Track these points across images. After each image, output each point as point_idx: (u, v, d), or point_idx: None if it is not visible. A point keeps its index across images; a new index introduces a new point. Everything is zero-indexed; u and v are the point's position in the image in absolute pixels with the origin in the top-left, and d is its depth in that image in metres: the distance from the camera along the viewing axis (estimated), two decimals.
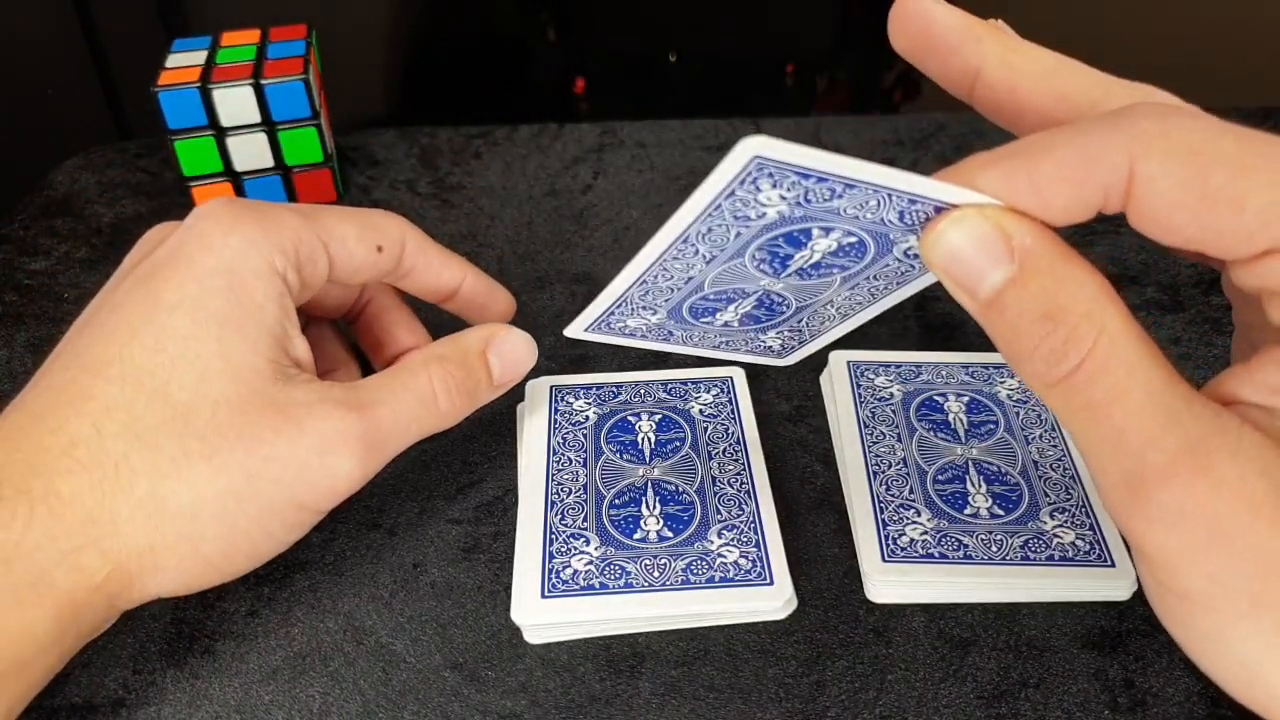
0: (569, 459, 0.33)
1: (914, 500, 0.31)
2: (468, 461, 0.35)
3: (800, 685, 0.28)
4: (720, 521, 0.31)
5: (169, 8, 0.69)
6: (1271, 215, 0.20)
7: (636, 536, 0.30)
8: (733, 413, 0.35)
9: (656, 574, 0.29)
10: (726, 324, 0.29)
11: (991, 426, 0.34)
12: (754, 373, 0.37)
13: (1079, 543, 0.30)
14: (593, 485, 0.32)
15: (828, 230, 0.24)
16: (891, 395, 0.35)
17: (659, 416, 0.35)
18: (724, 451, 0.33)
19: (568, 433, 0.34)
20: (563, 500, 0.31)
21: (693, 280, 0.26)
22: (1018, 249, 0.22)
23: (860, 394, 0.35)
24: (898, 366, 0.36)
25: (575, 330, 0.29)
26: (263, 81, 0.43)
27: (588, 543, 0.30)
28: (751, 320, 0.30)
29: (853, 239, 0.24)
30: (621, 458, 0.33)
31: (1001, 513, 0.31)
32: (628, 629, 0.29)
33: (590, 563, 0.29)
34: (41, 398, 0.27)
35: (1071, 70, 0.24)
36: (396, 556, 0.32)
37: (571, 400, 0.35)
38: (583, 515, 0.31)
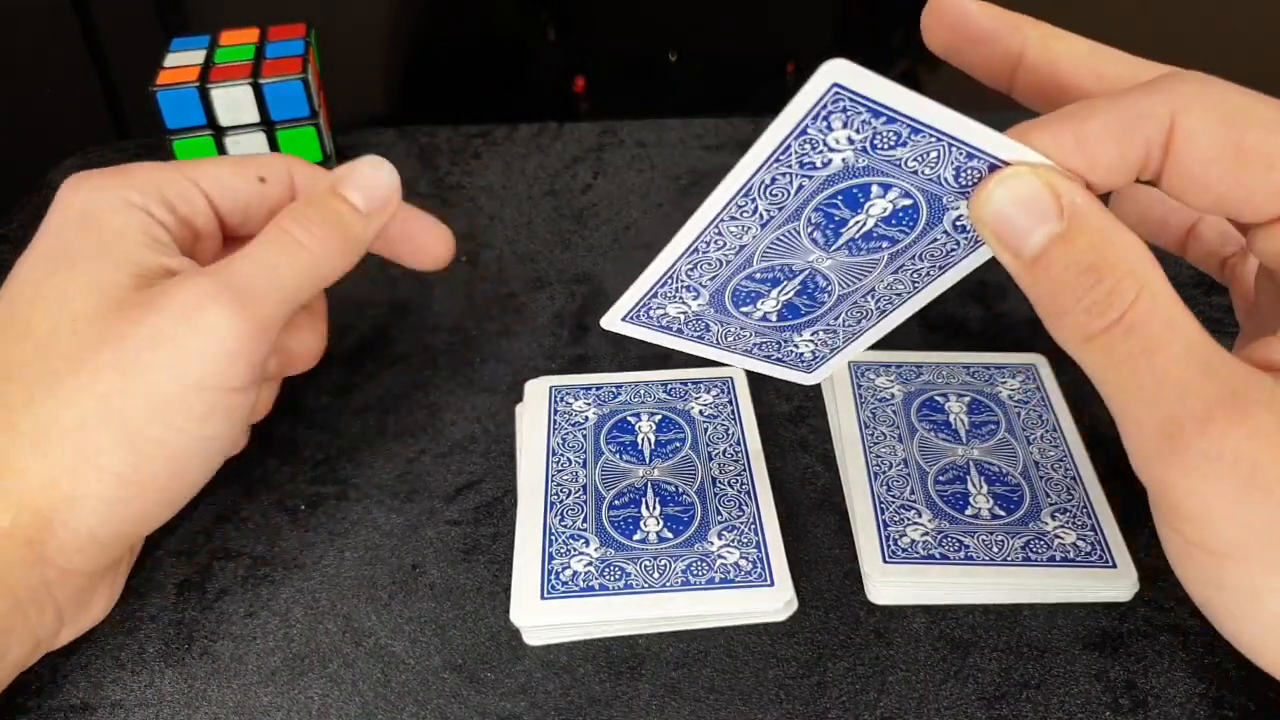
0: (568, 460, 0.33)
1: (915, 501, 0.31)
2: (466, 462, 0.35)
3: (801, 687, 0.28)
4: (720, 522, 0.31)
5: (167, 7, 0.69)
6: None
7: (636, 538, 0.30)
8: (733, 413, 0.35)
9: (656, 575, 0.29)
10: (765, 316, 0.28)
11: (993, 427, 0.34)
12: (756, 373, 0.37)
13: (1080, 544, 0.30)
14: (592, 486, 0.32)
15: (885, 189, 0.24)
16: (892, 396, 0.35)
17: (659, 417, 0.34)
18: (724, 452, 0.33)
19: (567, 433, 0.34)
20: (562, 501, 0.31)
21: (744, 249, 0.25)
22: (1066, 206, 0.22)
23: (861, 394, 0.35)
24: (898, 367, 0.36)
25: (613, 319, 0.27)
26: (261, 81, 0.43)
27: (587, 544, 0.30)
28: (791, 313, 0.28)
29: (908, 201, 0.24)
30: (621, 458, 0.33)
31: (1003, 513, 0.31)
32: (627, 630, 0.29)
33: (590, 564, 0.29)
34: None
35: (1109, 52, 0.25)
36: (395, 558, 0.32)
37: (571, 401, 0.35)
38: (582, 516, 0.31)
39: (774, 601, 0.29)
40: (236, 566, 0.31)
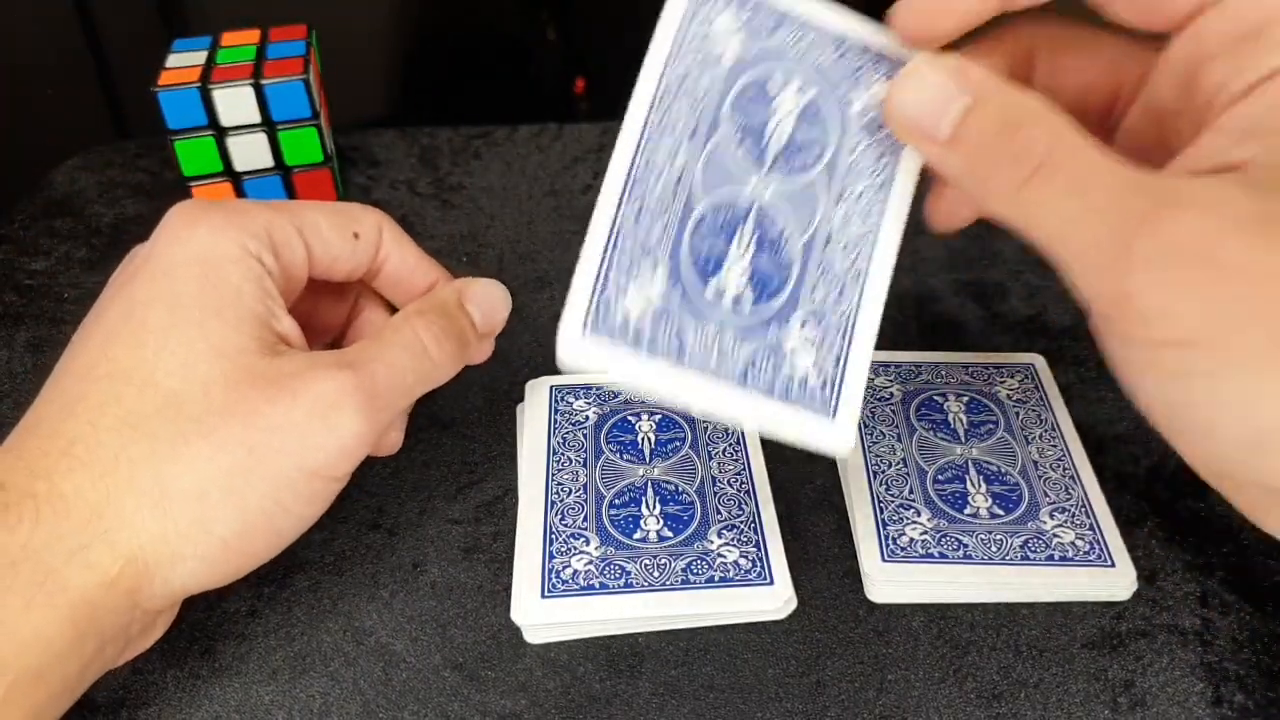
0: (569, 459, 0.33)
1: (914, 500, 0.31)
2: (467, 461, 0.35)
3: (800, 685, 0.28)
4: (720, 521, 0.31)
5: (169, 8, 0.69)
6: None
7: (636, 536, 0.30)
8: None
9: (656, 574, 0.29)
10: (738, 299, 0.25)
11: (991, 426, 0.34)
12: None
13: (1079, 542, 0.30)
14: (593, 485, 0.32)
15: (785, 77, 0.25)
16: (891, 395, 0.35)
17: (659, 416, 0.35)
18: (724, 451, 0.33)
19: (568, 433, 0.34)
20: (562, 500, 0.31)
21: (681, 180, 0.25)
22: (971, 81, 0.23)
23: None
24: (897, 366, 0.36)
25: (571, 338, 0.24)
26: (263, 81, 0.43)
27: (588, 542, 0.30)
28: (763, 284, 0.25)
29: (811, 94, 0.25)
30: (621, 458, 0.33)
31: (1001, 512, 0.31)
32: (628, 629, 0.29)
33: (590, 562, 0.29)
34: (37, 411, 0.27)
35: None
36: (396, 557, 0.32)
37: (571, 400, 0.35)
38: (582, 515, 0.31)
39: (773, 600, 0.29)
40: None
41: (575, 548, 0.30)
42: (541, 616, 0.28)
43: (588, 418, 0.34)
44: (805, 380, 0.25)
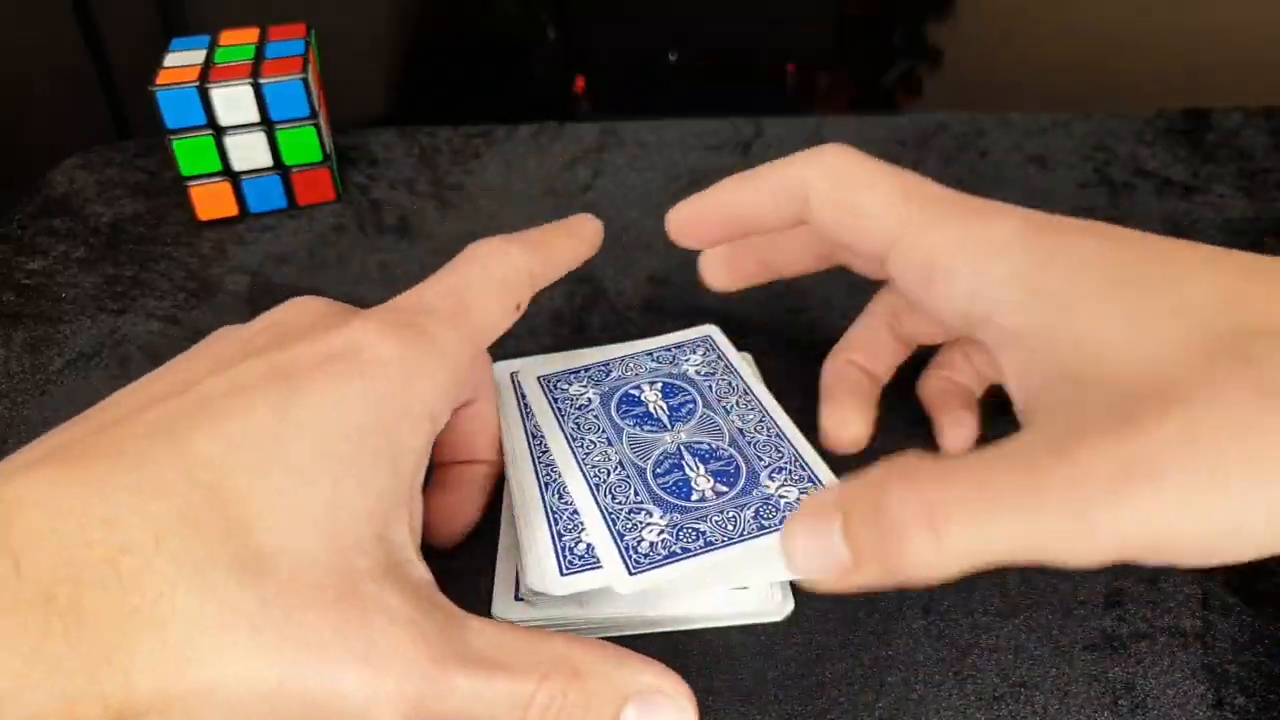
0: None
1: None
2: None
3: (799, 687, 0.28)
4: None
5: (167, 7, 0.69)
6: (885, 218, 0.28)
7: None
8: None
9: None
10: (717, 493, 0.30)
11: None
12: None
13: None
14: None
15: (639, 382, 0.34)
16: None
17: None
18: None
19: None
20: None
21: (624, 462, 0.31)
22: (833, 503, 0.22)
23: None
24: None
25: (621, 585, 0.27)
26: (261, 81, 0.43)
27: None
28: (722, 475, 0.30)
29: (660, 382, 0.34)
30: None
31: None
32: (724, 595, 0.29)
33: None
34: (107, 459, 0.21)
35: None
36: None
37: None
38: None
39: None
40: None
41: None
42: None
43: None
44: (790, 505, 0.30)
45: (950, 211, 0.27)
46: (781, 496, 0.30)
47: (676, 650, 0.29)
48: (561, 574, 0.28)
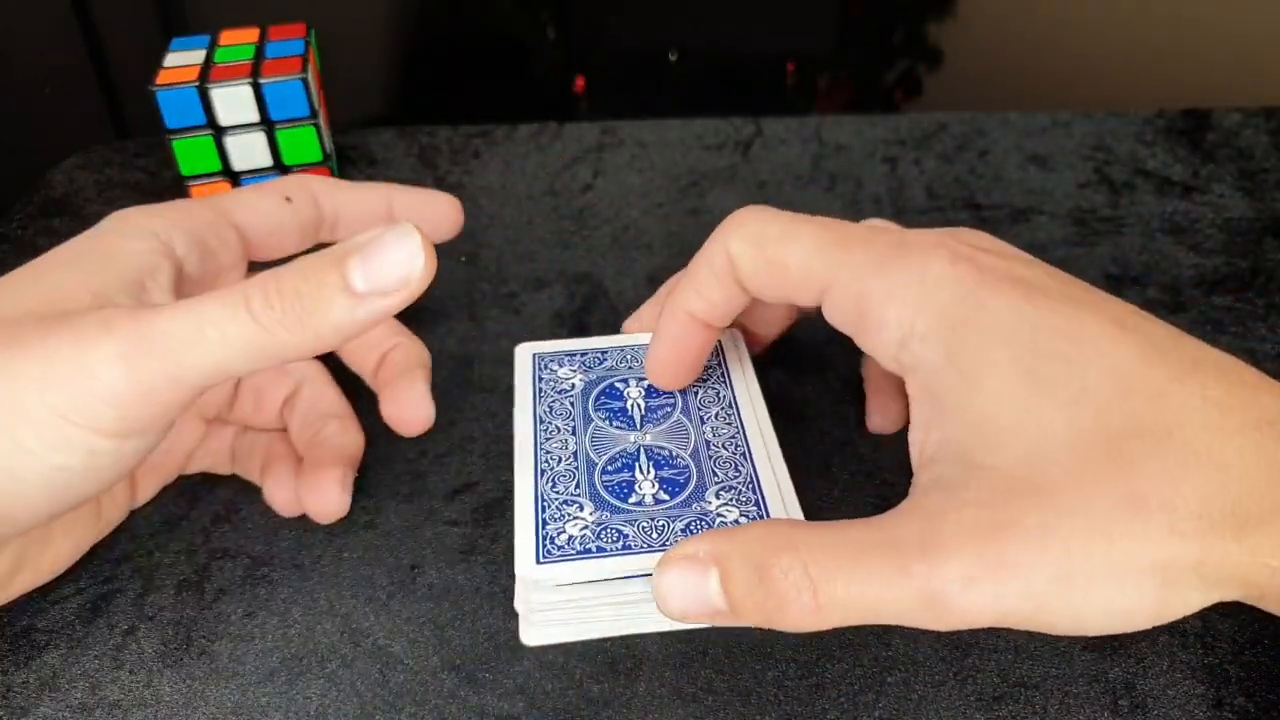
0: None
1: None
2: (465, 463, 0.35)
3: (799, 687, 0.28)
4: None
5: (167, 6, 0.69)
6: (814, 267, 0.28)
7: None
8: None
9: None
10: (657, 499, 0.30)
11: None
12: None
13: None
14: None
15: (626, 379, 0.34)
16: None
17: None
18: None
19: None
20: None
21: (579, 455, 0.31)
22: (707, 554, 0.25)
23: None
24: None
25: (527, 570, 0.28)
26: (261, 80, 0.43)
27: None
28: (669, 485, 0.30)
29: (646, 382, 0.34)
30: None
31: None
32: (630, 599, 0.29)
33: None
34: None
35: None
36: (394, 558, 0.32)
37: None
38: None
39: None
40: (235, 566, 0.31)
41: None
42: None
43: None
44: (738, 523, 0.29)
45: (877, 255, 0.27)
46: (719, 515, 0.29)
47: (678, 651, 0.29)
48: (537, 562, 0.28)
